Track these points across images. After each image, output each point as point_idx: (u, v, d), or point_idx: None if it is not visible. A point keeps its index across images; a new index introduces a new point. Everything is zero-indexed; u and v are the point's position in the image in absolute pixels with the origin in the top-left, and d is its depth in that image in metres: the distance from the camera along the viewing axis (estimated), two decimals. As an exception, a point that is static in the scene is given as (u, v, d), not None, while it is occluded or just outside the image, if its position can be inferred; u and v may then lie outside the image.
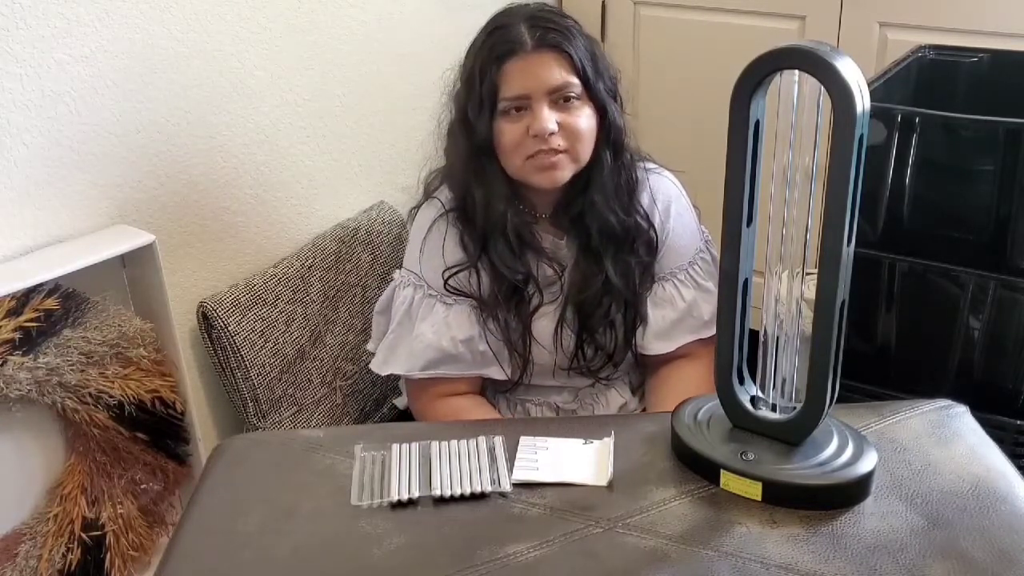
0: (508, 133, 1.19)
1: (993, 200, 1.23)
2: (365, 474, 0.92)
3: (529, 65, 1.18)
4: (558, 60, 1.18)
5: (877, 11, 1.70)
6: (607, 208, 1.24)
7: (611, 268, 1.25)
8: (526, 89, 1.18)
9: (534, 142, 1.18)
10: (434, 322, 1.27)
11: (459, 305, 1.27)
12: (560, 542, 0.83)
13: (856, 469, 0.83)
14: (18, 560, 1.20)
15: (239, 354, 1.36)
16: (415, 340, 1.27)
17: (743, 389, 0.89)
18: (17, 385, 1.12)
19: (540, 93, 1.17)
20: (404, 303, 1.29)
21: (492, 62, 1.19)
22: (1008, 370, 1.33)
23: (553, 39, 1.18)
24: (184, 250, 1.38)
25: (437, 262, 1.27)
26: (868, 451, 0.85)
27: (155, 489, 1.33)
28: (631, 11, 1.99)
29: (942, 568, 0.77)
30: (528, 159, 1.19)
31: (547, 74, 1.18)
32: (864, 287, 1.40)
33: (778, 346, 0.91)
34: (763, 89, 0.80)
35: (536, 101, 1.18)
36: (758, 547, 0.80)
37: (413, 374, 1.29)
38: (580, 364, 1.30)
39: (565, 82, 1.18)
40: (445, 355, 1.27)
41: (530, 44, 1.18)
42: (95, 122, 1.23)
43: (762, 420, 0.87)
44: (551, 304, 1.29)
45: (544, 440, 0.97)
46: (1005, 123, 1.19)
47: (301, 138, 1.53)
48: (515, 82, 1.18)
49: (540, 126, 1.17)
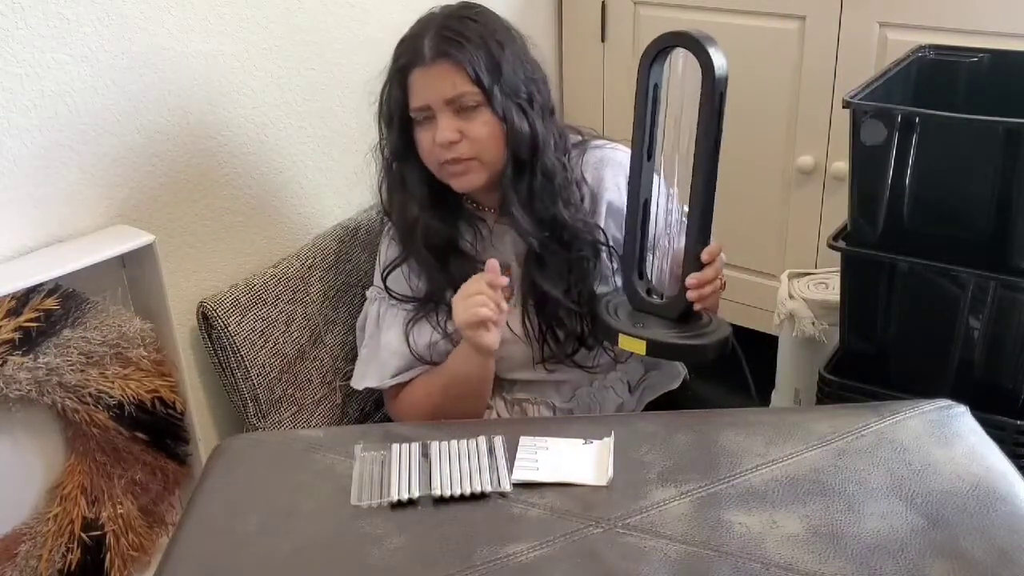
0: (421, 141, 1.23)
1: (993, 200, 1.23)
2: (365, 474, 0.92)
3: (427, 77, 1.19)
4: (454, 70, 1.18)
5: (877, 11, 1.70)
6: (527, 212, 1.25)
7: (551, 266, 1.28)
8: (426, 100, 1.20)
9: (441, 150, 1.20)
10: (398, 331, 1.32)
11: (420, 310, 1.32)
12: (560, 542, 0.83)
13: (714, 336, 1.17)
14: (18, 560, 1.20)
15: (239, 354, 1.36)
16: (383, 350, 1.32)
17: (641, 283, 1.23)
18: (17, 385, 1.12)
19: (439, 103, 1.19)
20: (372, 317, 1.35)
21: (396, 74, 1.23)
22: (1008, 370, 1.33)
23: (447, 50, 1.18)
24: (184, 250, 1.38)
25: (395, 272, 1.33)
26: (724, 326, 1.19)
27: (155, 489, 1.33)
28: (631, 11, 1.99)
29: (942, 568, 0.77)
30: (442, 165, 1.22)
31: (442, 85, 1.19)
32: (864, 287, 1.40)
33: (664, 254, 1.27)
34: (660, 61, 1.15)
35: (437, 111, 1.19)
36: (758, 547, 0.80)
37: (386, 382, 1.33)
38: (552, 350, 1.31)
39: (460, 92, 1.19)
40: (411, 361, 1.31)
41: (427, 56, 1.19)
42: (95, 122, 1.23)
43: (652, 303, 1.22)
44: (513, 298, 1.30)
45: (544, 440, 0.97)
46: (1005, 123, 1.19)
47: (301, 138, 1.54)
48: (417, 93, 1.21)
49: (440, 136, 1.19)
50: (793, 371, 1.65)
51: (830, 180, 1.83)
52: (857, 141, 1.29)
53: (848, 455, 0.94)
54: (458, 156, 1.21)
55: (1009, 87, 1.43)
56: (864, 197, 1.34)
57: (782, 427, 0.99)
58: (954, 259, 1.29)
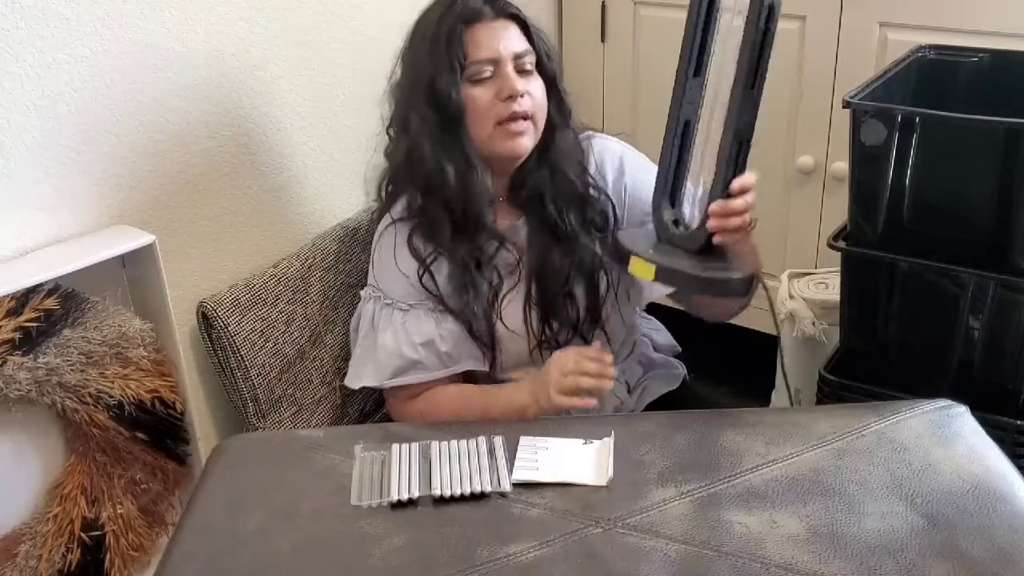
0: (479, 98, 1.22)
1: (993, 200, 1.23)
2: (365, 474, 0.92)
3: (493, 30, 1.22)
4: (517, 29, 1.24)
5: (877, 11, 1.70)
6: (562, 176, 1.27)
7: (569, 235, 1.28)
8: (495, 52, 1.21)
9: (504, 105, 1.21)
10: (394, 330, 1.30)
11: (415, 310, 1.29)
12: (560, 542, 0.83)
13: (728, 273, 1.06)
14: (18, 560, 1.20)
15: (239, 354, 1.36)
16: (379, 350, 1.30)
17: (670, 212, 1.14)
18: (17, 385, 1.12)
19: (507, 57, 1.22)
20: (367, 317, 1.34)
21: (458, 26, 1.21)
22: (1008, 370, 1.33)
23: (509, 9, 1.25)
24: (184, 250, 1.38)
25: (391, 271, 1.30)
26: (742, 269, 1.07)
27: (155, 489, 1.33)
28: (631, 11, 1.99)
29: (942, 568, 0.77)
30: (498, 125, 1.22)
31: (510, 39, 1.23)
32: (864, 287, 1.40)
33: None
34: None
35: (503, 64, 1.22)
36: (758, 547, 0.80)
37: (383, 384, 1.31)
38: (548, 337, 1.31)
39: (526, 49, 1.24)
40: (409, 361, 1.29)
41: (491, 12, 1.23)
42: (95, 122, 1.23)
43: (676, 234, 1.13)
44: (514, 289, 1.30)
45: (544, 440, 0.97)
46: (1005, 123, 1.19)
47: (301, 138, 1.53)
48: (483, 45, 1.21)
49: (512, 86, 1.20)
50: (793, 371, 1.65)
51: (830, 180, 1.83)
52: (857, 141, 1.29)
53: (848, 455, 0.94)
54: (525, 111, 1.22)
55: (1009, 87, 1.43)
56: (864, 197, 1.34)
57: (782, 427, 0.99)
58: (954, 259, 1.29)
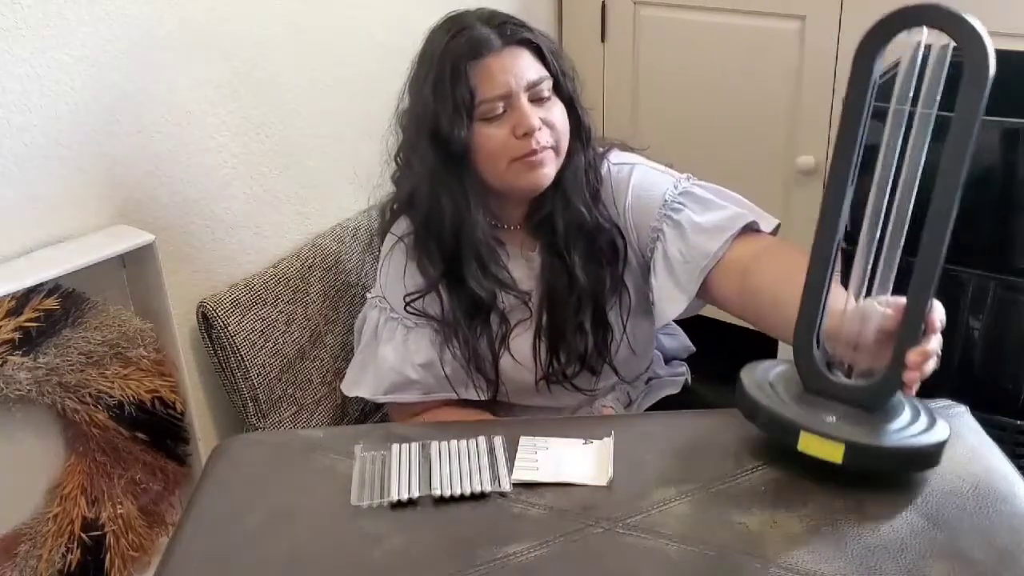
0: (493, 137, 1.14)
1: (993, 200, 1.23)
2: (365, 474, 0.92)
3: (503, 62, 1.13)
4: (530, 54, 1.16)
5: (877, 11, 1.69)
6: (577, 201, 1.20)
7: (578, 265, 1.21)
8: (505, 87, 1.13)
9: (521, 143, 1.13)
10: (396, 345, 1.27)
11: (420, 329, 1.26)
12: (560, 542, 0.82)
13: (933, 436, 0.84)
14: (18, 560, 1.20)
15: (239, 354, 1.36)
16: (380, 362, 1.28)
17: (819, 355, 0.87)
18: (17, 385, 1.12)
19: (519, 90, 1.13)
20: (371, 324, 1.31)
21: (463, 63, 1.13)
22: (1008, 370, 1.33)
23: (521, 34, 1.15)
24: (184, 250, 1.38)
25: (398, 287, 1.26)
26: (940, 421, 0.86)
27: (155, 489, 1.33)
28: (631, 11, 1.99)
29: (942, 568, 0.77)
30: (514, 162, 1.15)
31: (522, 68, 1.14)
32: (864, 287, 1.39)
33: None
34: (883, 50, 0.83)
35: (516, 98, 1.13)
36: (758, 547, 0.80)
37: (378, 398, 1.30)
38: (555, 370, 1.26)
39: (541, 76, 1.15)
40: (406, 380, 1.27)
41: (499, 42, 1.13)
42: (95, 122, 1.23)
43: (839, 385, 0.86)
44: (524, 322, 1.26)
45: (544, 440, 0.97)
46: (1005, 123, 1.19)
47: (301, 138, 1.53)
48: (493, 81, 1.13)
49: (528, 123, 1.12)
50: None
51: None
52: (857, 141, 1.28)
53: (848, 455, 0.93)
54: (543, 145, 1.14)
55: (1009, 87, 1.43)
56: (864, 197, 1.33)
57: (782, 427, 0.99)
58: (954, 259, 1.29)
